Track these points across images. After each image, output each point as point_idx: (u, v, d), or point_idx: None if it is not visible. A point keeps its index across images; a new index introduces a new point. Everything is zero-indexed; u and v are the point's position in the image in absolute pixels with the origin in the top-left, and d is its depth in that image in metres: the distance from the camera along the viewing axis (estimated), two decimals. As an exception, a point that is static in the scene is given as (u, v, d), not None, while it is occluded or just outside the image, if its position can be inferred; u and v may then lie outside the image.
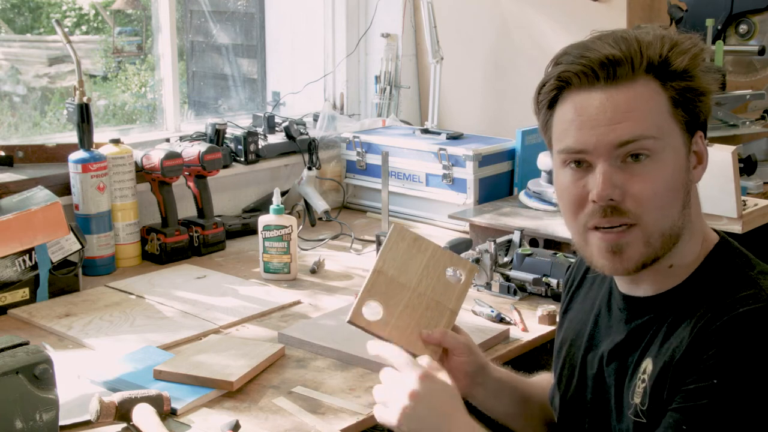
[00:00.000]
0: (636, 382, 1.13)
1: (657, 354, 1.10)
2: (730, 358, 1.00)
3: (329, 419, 1.46)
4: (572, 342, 1.30)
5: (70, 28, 3.16)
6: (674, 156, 1.09)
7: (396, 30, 3.17)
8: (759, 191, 2.60)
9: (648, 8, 2.96)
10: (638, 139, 1.07)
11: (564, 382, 1.30)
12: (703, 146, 1.13)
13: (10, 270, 1.94)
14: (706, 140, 1.15)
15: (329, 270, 2.28)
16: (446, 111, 3.09)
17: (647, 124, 1.07)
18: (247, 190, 2.78)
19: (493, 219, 2.38)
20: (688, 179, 1.12)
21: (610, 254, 1.11)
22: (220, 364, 1.61)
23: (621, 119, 1.07)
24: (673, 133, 1.09)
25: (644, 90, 1.08)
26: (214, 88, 3.29)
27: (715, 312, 1.04)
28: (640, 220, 1.09)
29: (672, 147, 1.09)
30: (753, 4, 3.08)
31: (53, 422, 1.33)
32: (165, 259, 2.30)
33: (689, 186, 1.12)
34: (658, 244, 1.10)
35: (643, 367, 1.12)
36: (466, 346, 1.28)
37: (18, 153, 2.34)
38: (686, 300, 1.11)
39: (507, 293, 2.04)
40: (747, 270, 1.10)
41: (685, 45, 1.09)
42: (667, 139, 1.08)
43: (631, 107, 1.07)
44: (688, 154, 1.12)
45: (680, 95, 1.09)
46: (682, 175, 1.10)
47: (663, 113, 1.08)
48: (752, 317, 1.02)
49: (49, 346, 1.67)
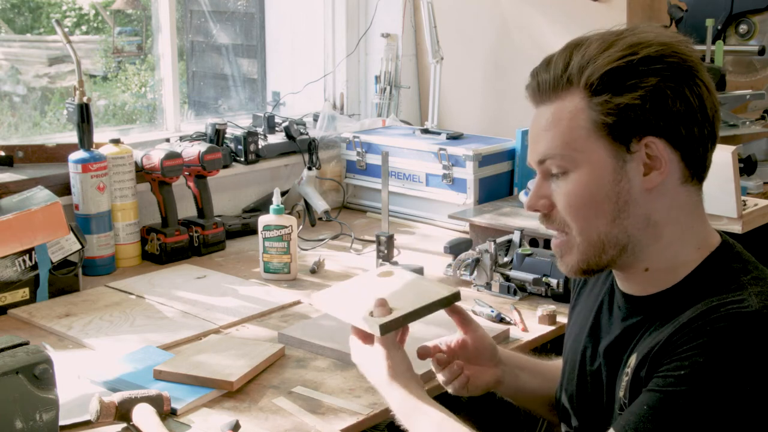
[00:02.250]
0: (622, 377, 1.14)
1: (641, 348, 1.12)
2: (704, 353, 1.01)
3: (329, 419, 1.46)
4: (575, 337, 1.31)
5: (70, 28, 3.16)
6: (593, 171, 1.10)
7: (396, 30, 3.17)
8: (759, 191, 2.60)
9: (648, 8, 2.96)
10: (547, 158, 1.13)
11: (566, 377, 1.32)
12: (659, 151, 1.09)
13: (10, 270, 1.94)
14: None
15: (329, 270, 2.28)
16: (446, 111, 3.09)
17: (556, 143, 1.11)
18: (247, 190, 2.78)
19: (493, 219, 2.38)
20: (619, 190, 1.11)
21: (557, 258, 1.19)
22: (220, 364, 1.61)
23: (538, 138, 1.14)
24: (592, 148, 1.10)
25: (567, 106, 1.11)
26: (214, 88, 3.29)
27: (700, 313, 1.05)
28: (567, 228, 1.15)
29: (590, 162, 1.10)
30: (753, 4, 3.08)
31: (53, 422, 1.33)
32: (165, 259, 2.30)
33: (624, 196, 1.11)
34: (591, 252, 1.14)
35: (630, 362, 1.13)
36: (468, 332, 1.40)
37: (18, 153, 2.34)
38: (678, 302, 1.11)
39: (507, 293, 2.04)
40: (741, 275, 1.10)
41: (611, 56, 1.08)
42: (582, 155, 1.10)
43: (548, 126, 1.13)
44: (622, 164, 1.10)
45: (605, 108, 1.08)
46: (606, 187, 1.10)
47: (579, 129, 1.10)
48: (733, 320, 1.02)
49: (49, 346, 1.67)
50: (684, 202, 1.13)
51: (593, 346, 1.25)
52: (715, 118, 1.11)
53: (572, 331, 1.34)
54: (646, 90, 1.06)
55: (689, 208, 1.14)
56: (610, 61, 1.07)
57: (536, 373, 1.46)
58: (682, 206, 1.13)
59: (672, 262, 1.14)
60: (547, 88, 1.12)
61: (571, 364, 1.30)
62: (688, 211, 1.14)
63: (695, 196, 1.15)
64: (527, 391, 1.45)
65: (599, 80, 1.07)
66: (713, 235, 1.17)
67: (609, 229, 1.12)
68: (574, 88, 1.10)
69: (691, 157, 1.11)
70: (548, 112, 1.12)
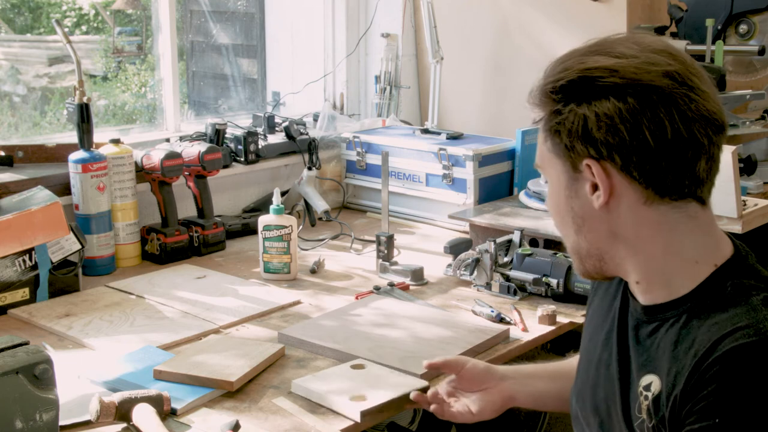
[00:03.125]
0: (639, 394, 1.11)
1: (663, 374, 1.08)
2: (729, 395, 0.99)
3: (329, 419, 1.46)
4: (591, 337, 1.30)
5: (70, 28, 3.16)
6: (553, 185, 1.16)
7: (396, 30, 3.17)
8: (759, 191, 2.60)
9: (648, 8, 2.96)
10: (536, 167, 1.21)
11: (580, 377, 1.30)
12: (597, 175, 1.07)
13: (10, 270, 1.94)
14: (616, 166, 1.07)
15: (329, 270, 2.28)
16: (446, 111, 3.09)
17: (537, 155, 1.18)
18: (247, 190, 2.78)
19: (493, 219, 2.38)
20: (572, 206, 1.13)
21: None
22: (220, 364, 1.61)
23: None
24: (551, 164, 1.14)
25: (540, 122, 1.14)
26: (214, 88, 3.29)
27: (714, 342, 1.02)
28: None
29: (551, 177, 1.16)
30: (753, 4, 3.08)
31: (53, 422, 1.33)
32: (165, 259, 2.30)
33: (579, 212, 1.12)
34: (575, 258, 1.19)
35: (647, 382, 1.10)
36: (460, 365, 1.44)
37: (18, 153, 2.34)
38: (683, 313, 1.09)
39: (507, 293, 2.04)
40: (753, 294, 1.06)
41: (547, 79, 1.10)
42: (547, 170, 1.16)
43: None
44: (573, 182, 1.11)
45: (546, 128, 1.12)
46: (563, 201, 1.14)
47: (542, 145, 1.15)
48: (747, 351, 0.99)
49: (49, 346, 1.67)
50: (655, 220, 1.09)
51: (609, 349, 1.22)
52: (674, 145, 1.04)
53: (588, 330, 1.32)
54: (568, 116, 1.07)
55: (668, 225, 1.09)
56: (542, 85, 1.11)
57: (555, 377, 1.45)
58: (654, 223, 1.09)
59: (664, 276, 1.11)
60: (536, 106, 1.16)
61: (587, 363, 1.28)
62: (667, 227, 1.09)
63: (674, 213, 1.09)
64: (550, 397, 1.45)
65: (540, 102, 1.11)
66: (722, 247, 1.12)
67: (577, 240, 1.16)
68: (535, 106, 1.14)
69: (646, 180, 1.06)
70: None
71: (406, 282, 2.14)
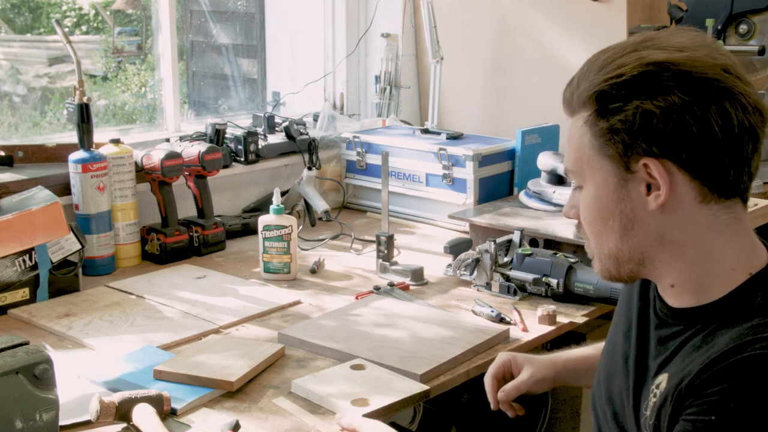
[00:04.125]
0: (649, 393, 1.11)
1: (673, 373, 1.08)
2: (734, 398, 0.98)
3: (329, 419, 1.46)
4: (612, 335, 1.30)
5: (70, 28, 3.16)
6: (597, 189, 1.11)
7: (396, 30, 3.17)
8: (759, 191, 2.60)
9: (648, 8, 2.96)
10: (569, 171, 1.17)
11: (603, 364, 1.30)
12: (658, 173, 1.05)
13: (10, 270, 1.94)
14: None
15: (329, 270, 2.28)
16: (446, 111, 3.09)
17: (571, 159, 1.15)
18: (247, 190, 2.78)
19: (493, 219, 2.38)
20: (622, 209, 1.09)
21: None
22: (220, 364, 1.61)
23: (566, 150, 1.18)
24: (596, 167, 1.10)
25: (577, 124, 1.12)
26: (214, 88, 3.29)
27: (732, 348, 1.01)
28: (587, 238, 1.18)
29: (594, 180, 1.11)
30: (753, 4, 3.08)
31: (53, 422, 1.33)
32: (165, 259, 2.30)
33: (629, 215, 1.09)
34: (608, 263, 1.15)
35: (659, 381, 1.10)
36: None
37: (18, 153, 2.34)
38: (710, 323, 1.08)
39: (507, 293, 2.04)
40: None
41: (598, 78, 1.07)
42: (588, 173, 1.12)
43: (568, 140, 1.16)
44: (624, 184, 1.08)
45: (597, 131, 1.08)
46: (610, 205, 1.10)
47: (585, 148, 1.11)
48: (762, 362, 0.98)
49: (49, 346, 1.67)
50: (706, 221, 1.08)
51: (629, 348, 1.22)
52: (747, 137, 1.05)
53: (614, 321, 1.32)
54: (631, 112, 1.04)
55: (716, 226, 1.09)
56: (596, 83, 1.07)
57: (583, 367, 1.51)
58: (705, 225, 1.08)
59: (700, 281, 1.10)
60: (566, 104, 1.14)
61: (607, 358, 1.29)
62: (715, 229, 1.09)
63: (723, 213, 1.09)
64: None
65: (591, 102, 1.08)
66: (758, 254, 1.11)
67: (620, 245, 1.12)
68: (580, 107, 1.11)
69: (706, 177, 1.05)
70: (571, 126, 1.15)
71: (406, 282, 2.14)
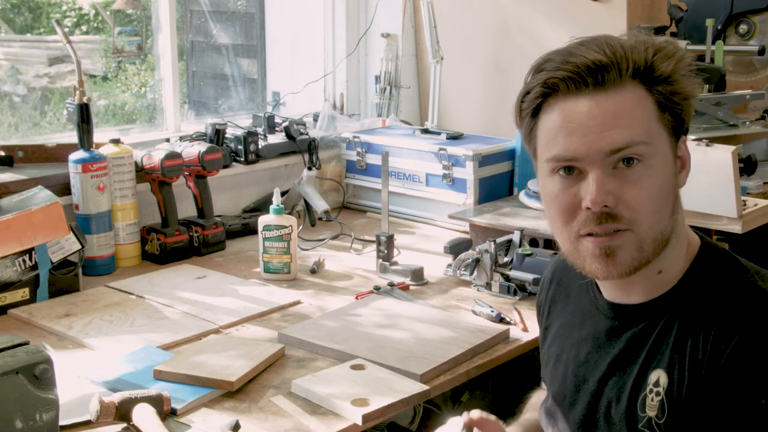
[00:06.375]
0: (645, 393, 1.11)
1: (669, 365, 1.09)
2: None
3: (329, 420, 1.46)
4: (559, 357, 1.28)
5: (70, 28, 3.16)
6: (664, 161, 1.08)
7: (396, 30, 3.17)
8: (759, 191, 2.60)
9: (648, 8, 2.96)
10: (630, 145, 1.06)
11: (567, 401, 1.26)
12: (686, 151, 1.13)
13: (10, 270, 1.94)
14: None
15: (329, 270, 2.28)
16: (446, 111, 3.09)
17: (638, 130, 1.06)
18: (247, 190, 2.78)
19: (493, 219, 2.38)
20: (675, 184, 1.11)
21: (603, 257, 1.10)
22: (220, 364, 1.60)
23: (612, 125, 1.06)
24: (661, 138, 1.09)
25: (632, 95, 1.07)
26: (214, 88, 3.29)
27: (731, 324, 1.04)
28: (634, 225, 1.08)
29: (661, 152, 1.08)
30: (753, 4, 3.07)
31: (53, 422, 1.33)
32: (165, 259, 2.30)
33: (676, 191, 1.12)
34: (650, 249, 1.09)
35: (654, 379, 1.10)
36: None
37: (18, 153, 2.34)
38: (682, 306, 1.10)
39: (507, 293, 2.04)
40: (743, 273, 1.10)
41: (668, 50, 1.08)
42: (656, 144, 1.08)
43: (620, 113, 1.06)
44: (675, 159, 1.11)
45: (666, 100, 1.08)
46: (671, 179, 1.10)
47: (651, 118, 1.07)
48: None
49: (49, 346, 1.67)
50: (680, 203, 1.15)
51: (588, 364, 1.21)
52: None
53: (553, 351, 1.30)
54: (695, 90, 1.10)
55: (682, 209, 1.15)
56: (680, 58, 1.08)
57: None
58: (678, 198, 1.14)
59: (675, 263, 1.13)
60: (609, 71, 1.06)
61: (567, 385, 1.25)
62: (682, 212, 1.15)
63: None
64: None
65: (668, 75, 1.08)
66: (692, 233, 1.18)
67: (669, 224, 1.10)
68: (634, 77, 1.07)
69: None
70: (612, 97, 1.06)
71: (406, 282, 2.14)
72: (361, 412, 1.44)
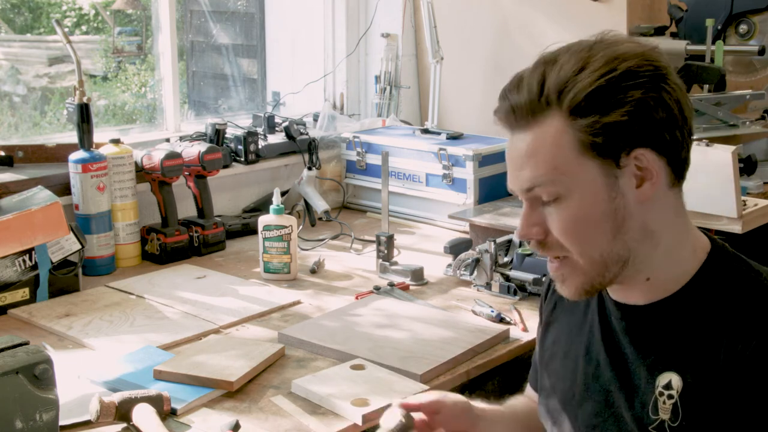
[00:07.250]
0: (656, 396, 1.11)
1: (682, 368, 1.08)
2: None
3: (329, 420, 1.46)
4: (567, 354, 1.28)
5: (70, 28, 3.16)
6: (585, 192, 1.07)
7: (396, 30, 3.17)
8: (759, 191, 2.60)
9: (648, 8, 2.96)
10: (536, 185, 1.09)
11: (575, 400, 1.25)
12: (648, 162, 1.06)
13: (10, 270, 1.94)
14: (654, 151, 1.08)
15: (329, 270, 2.28)
16: (446, 111, 3.09)
17: (544, 169, 1.08)
18: (247, 190, 2.78)
19: (493, 219, 2.38)
20: (615, 206, 1.08)
21: (559, 282, 1.16)
22: (220, 364, 1.61)
23: (522, 165, 1.11)
24: (581, 170, 1.07)
25: (548, 130, 1.07)
26: (214, 88, 3.29)
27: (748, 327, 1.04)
28: (567, 252, 1.11)
29: (580, 184, 1.07)
30: (753, 4, 3.07)
31: (53, 422, 1.33)
32: (165, 259, 2.30)
33: (621, 212, 1.08)
34: (594, 272, 1.11)
35: (665, 381, 1.10)
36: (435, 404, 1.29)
37: (18, 153, 2.34)
38: (691, 308, 1.10)
39: (507, 293, 2.04)
40: (756, 276, 1.10)
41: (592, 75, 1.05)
42: (572, 178, 1.07)
43: (531, 152, 1.09)
44: (614, 180, 1.07)
45: (592, 129, 1.05)
46: (602, 206, 1.08)
47: (566, 151, 1.07)
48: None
49: (49, 346, 1.67)
50: (673, 204, 1.13)
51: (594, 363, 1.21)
52: (690, 117, 1.10)
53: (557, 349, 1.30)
54: (632, 104, 1.04)
55: (679, 210, 1.14)
56: (592, 81, 1.04)
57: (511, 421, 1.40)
58: (673, 209, 1.13)
59: (673, 268, 1.13)
60: (524, 113, 1.09)
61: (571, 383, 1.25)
62: (678, 213, 1.13)
63: (681, 197, 1.14)
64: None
65: (584, 102, 1.04)
66: (701, 236, 1.17)
67: (611, 247, 1.10)
68: (553, 110, 1.07)
69: (675, 161, 1.09)
70: (528, 137, 1.09)
71: (406, 282, 2.14)
72: (361, 412, 1.45)
